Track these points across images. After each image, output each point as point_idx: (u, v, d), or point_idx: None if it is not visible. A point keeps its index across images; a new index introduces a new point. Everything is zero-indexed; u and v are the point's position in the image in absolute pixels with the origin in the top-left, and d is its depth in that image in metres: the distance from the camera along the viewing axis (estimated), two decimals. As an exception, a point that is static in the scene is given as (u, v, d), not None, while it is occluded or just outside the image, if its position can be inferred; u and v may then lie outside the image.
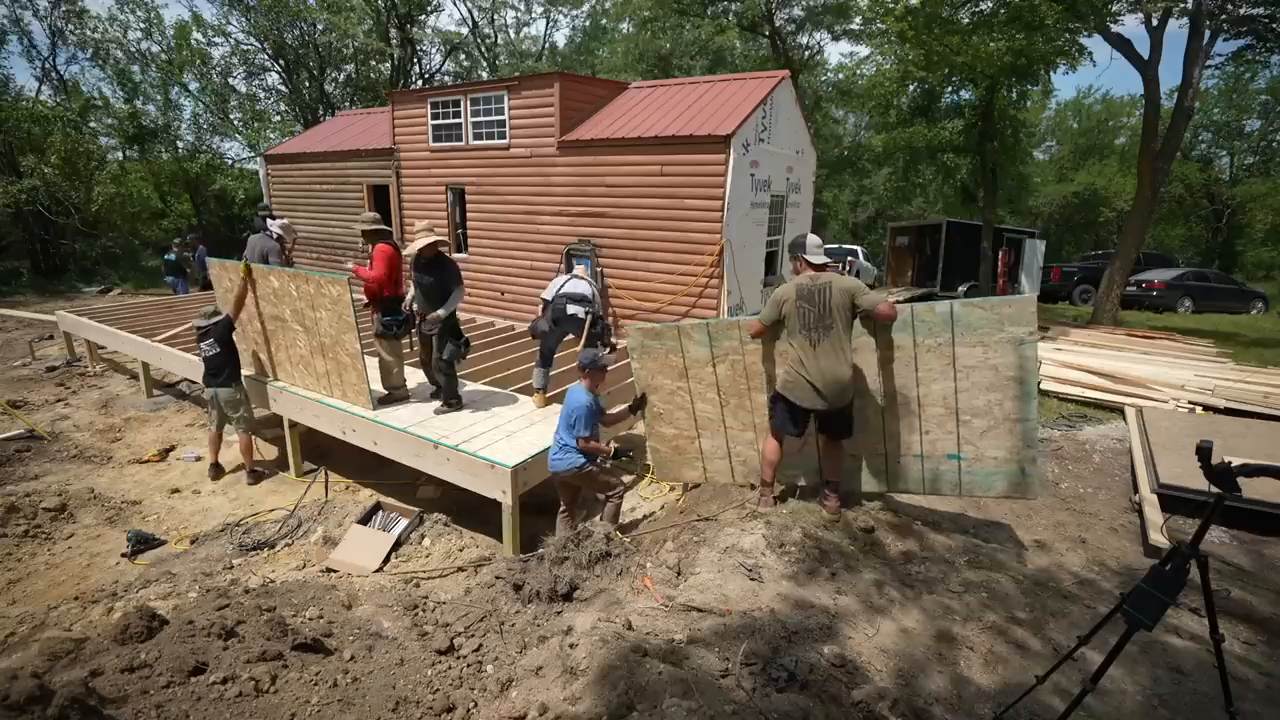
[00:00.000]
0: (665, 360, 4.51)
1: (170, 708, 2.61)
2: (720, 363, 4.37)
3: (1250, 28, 10.76)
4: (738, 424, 4.48)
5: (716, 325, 4.32)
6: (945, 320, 3.76)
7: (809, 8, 18.69)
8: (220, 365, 6.04)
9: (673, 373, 4.52)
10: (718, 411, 4.48)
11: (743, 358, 4.28)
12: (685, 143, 7.73)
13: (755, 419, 4.38)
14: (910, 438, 4.06)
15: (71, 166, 17.11)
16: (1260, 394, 6.59)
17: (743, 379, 4.35)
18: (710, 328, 4.32)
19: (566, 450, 4.37)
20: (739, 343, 4.24)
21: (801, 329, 3.78)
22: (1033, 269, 17.22)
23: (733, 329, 4.25)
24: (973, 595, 3.45)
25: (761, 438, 4.37)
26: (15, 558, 4.89)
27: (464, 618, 3.67)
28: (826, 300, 3.73)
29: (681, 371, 4.49)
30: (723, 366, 4.37)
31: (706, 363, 4.39)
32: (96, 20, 19.50)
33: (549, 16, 27.29)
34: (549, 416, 5.47)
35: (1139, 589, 2.13)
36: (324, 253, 12.22)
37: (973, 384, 3.80)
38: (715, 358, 4.37)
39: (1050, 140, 33.23)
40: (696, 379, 4.45)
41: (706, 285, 7.85)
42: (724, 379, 4.39)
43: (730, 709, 2.31)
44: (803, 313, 3.77)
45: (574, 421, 4.30)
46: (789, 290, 3.83)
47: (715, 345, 4.34)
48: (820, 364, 3.74)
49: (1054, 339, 10.02)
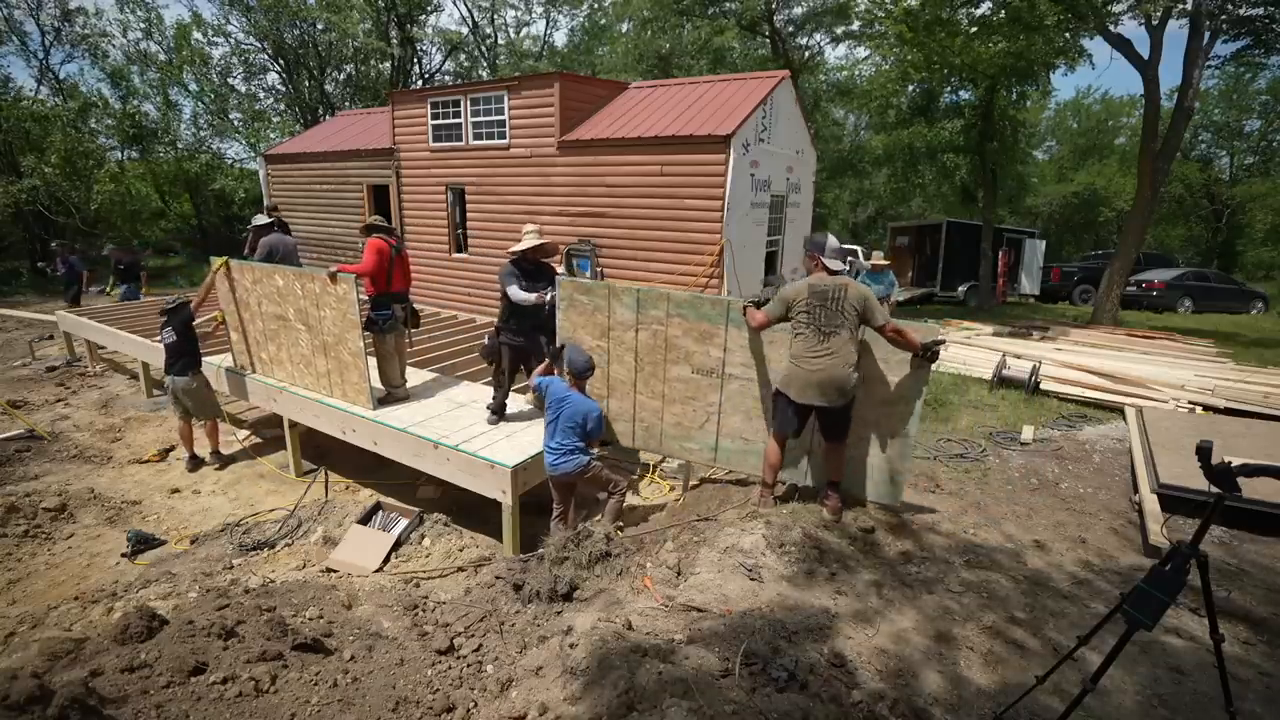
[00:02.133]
0: (591, 317, 4.70)
1: (170, 708, 2.61)
2: (643, 330, 4.56)
3: (1250, 28, 10.77)
4: (648, 391, 4.69)
5: (646, 293, 4.53)
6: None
7: (809, 8, 18.71)
8: (177, 353, 6.20)
9: (595, 330, 4.72)
10: (631, 376, 4.70)
11: (665, 329, 4.47)
12: (685, 143, 7.73)
13: (665, 389, 4.61)
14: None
15: (71, 166, 17.10)
16: (1260, 394, 6.59)
17: (661, 349, 4.55)
18: (640, 294, 4.52)
19: (573, 453, 4.34)
20: (665, 314, 4.43)
21: (810, 325, 3.80)
22: (1033, 269, 17.24)
23: (661, 300, 4.45)
24: (972, 595, 3.45)
25: (668, 409, 4.62)
26: (15, 558, 4.89)
27: (464, 618, 3.67)
28: (840, 301, 3.76)
29: (604, 330, 4.69)
30: (645, 334, 4.56)
31: (630, 327, 4.57)
32: (91, 19, 19.52)
33: (549, 16, 27.29)
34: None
35: (1139, 589, 2.13)
36: (324, 253, 12.21)
37: (866, 394, 4.01)
38: (639, 324, 4.57)
39: (1050, 140, 33.22)
40: (617, 341, 4.64)
41: (706, 285, 7.85)
42: (644, 346, 4.60)
43: (730, 709, 2.31)
44: (814, 311, 3.80)
45: (589, 427, 4.31)
46: (801, 289, 3.85)
47: (641, 312, 4.53)
48: (823, 361, 3.77)
49: (1054, 339, 10.03)
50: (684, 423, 4.73)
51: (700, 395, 4.58)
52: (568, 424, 4.31)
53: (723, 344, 4.38)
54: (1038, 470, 5.21)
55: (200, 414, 6.43)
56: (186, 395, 6.28)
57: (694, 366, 4.52)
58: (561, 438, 4.32)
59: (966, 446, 5.58)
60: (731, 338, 4.35)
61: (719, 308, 4.34)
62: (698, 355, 4.49)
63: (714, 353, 4.44)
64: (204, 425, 6.53)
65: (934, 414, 6.31)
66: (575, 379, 4.39)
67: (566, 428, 4.31)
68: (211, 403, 6.53)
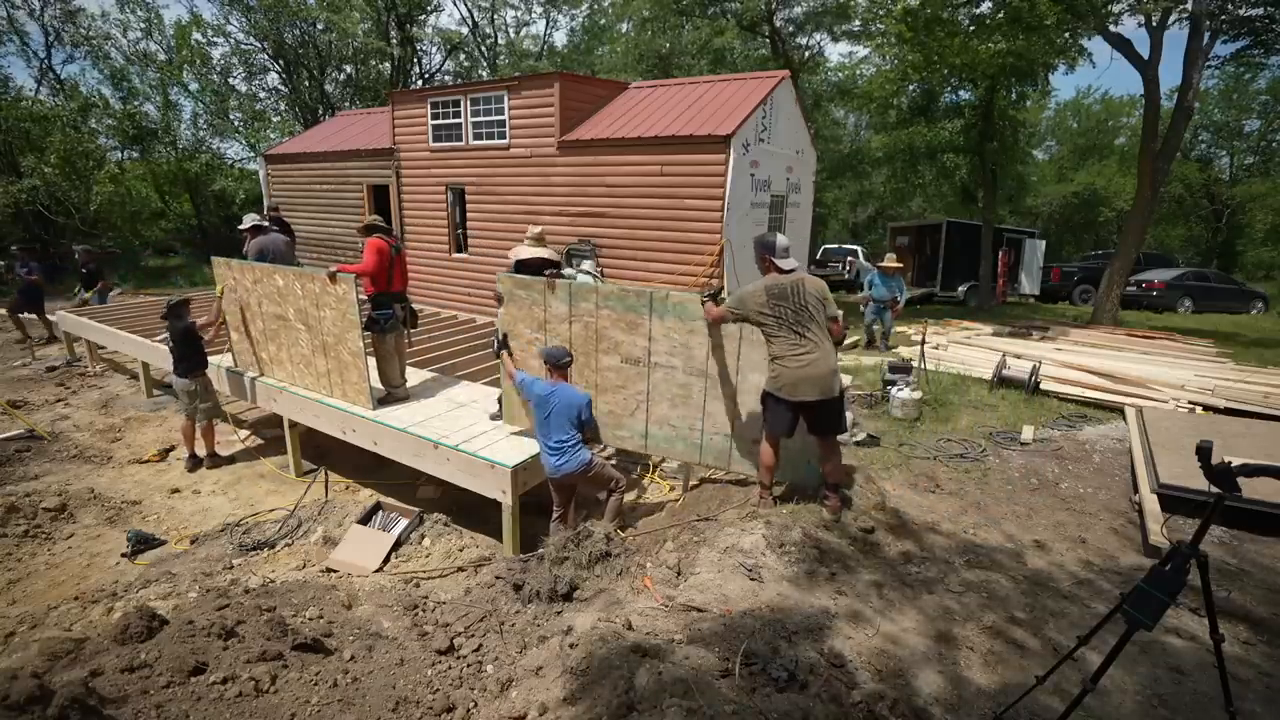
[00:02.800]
0: (529, 310, 4.93)
1: (170, 708, 2.61)
2: (575, 322, 4.79)
3: (1249, 28, 10.77)
4: (583, 381, 4.86)
5: (578, 288, 4.78)
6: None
7: (809, 8, 18.68)
8: (180, 356, 6.33)
9: (533, 323, 4.95)
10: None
11: (595, 320, 4.71)
12: (685, 143, 7.73)
13: (597, 379, 4.85)
14: (723, 419, 4.49)
15: (71, 166, 17.10)
16: (1260, 394, 6.59)
17: (592, 340, 4.77)
18: (572, 289, 4.76)
19: (574, 449, 4.32)
20: (594, 306, 4.68)
21: (782, 326, 3.83)
22: (1033, 269, 17.23)
23: (590, 294, 4.71)
24: (972, 595, 3.45)
25: (600, 398, 4.82)
26: (15, 558, 4.89)
27: (464, 618, 3.68)
28: (801, 296, 3.81)
29: (541, 324, 4.92)
30: (577, 326, 4.80)
31: (564, 319, 4.81)
32: (92, 20, 19.52)
33: (549, 16, 27.30)
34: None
35: (1139, 589, 2.14)
36: (324, 253, 12.21)
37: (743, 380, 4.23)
38: (572, 316, 4.79)
39: (1050, 140, 33.22)
40: (553, 333, 4.88)
41: (706, 285, 7.85)
42: (576, 337, 4.82)
43: (730, 709, 2.31)
44: (780, 311, 3.82)
45: (583, 417, 4.31)
46: (758, 291, 3.89)
47: (574, 305, 4.76)
48: (809, 356, 3.79)
49: (1054, 339, 10.02)
50: (616, 410, 4.90)
51: (629, 384, 4.78)
52: (561, 418, 4.30)
53: (648, 333, 4.57)
54: (1038, 470, 5.21)
55: (196, 414, 6.50)
56: (187, 395, 6.36)
57: (623, 356, 4.73)
58: (558, 434, 4.31)
59: (966, 446, 5.58)
60: (655, 328, 4.53)
61: (643, 299, 4.55)
62: (625, 345, 4.69)
63: (640, 342, 4.63)
64: (202, 426, 6.59)
65: (934, 414, 6.31)
66: (555, 369, 4.41)
67: (561, 422, 4.30)
68: (212, 404, 6.61)
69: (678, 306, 4.40)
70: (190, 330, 6.35)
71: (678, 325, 4.44)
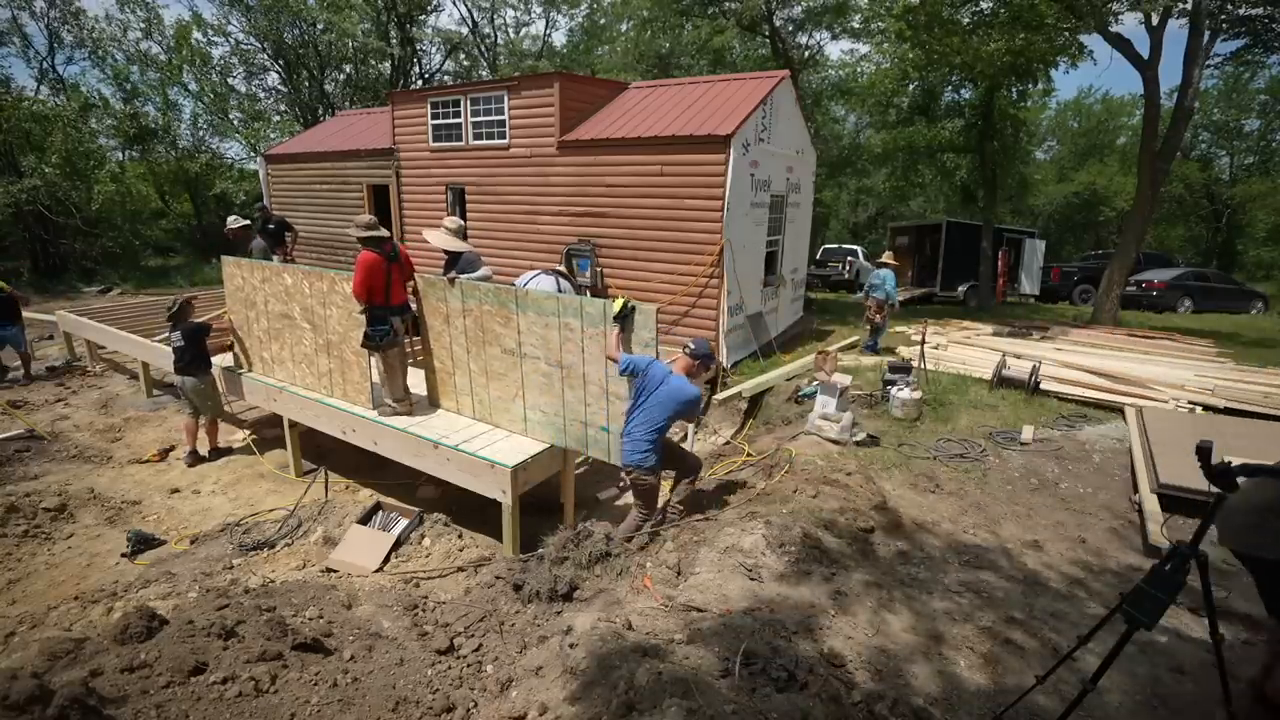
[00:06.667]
0: (436, 305, 5.47)
1: (170, 708, 2.61)
2: (468, 316, 5.28)
3: (1249, 28, 10.76)
4: (478, 368, 5.37)
5: (468, 285, 5.23)
6: (601, 315, 4.50)
7: (808, 7, 18.68)
8: (192, 357, 6.43)
9: (440, 317, 5.48)
10: (465, 355, 5.44)
11: (480, 315, 5.18)
12: (685, 143, 7.72)
13: (488, 367, 5.31)
14: (579, 408, 4.86)
15: (72, 166, 17.09)
16: (1260, 394, 6.59)
17: (480, 332, 5.25)
18: (463, 286, 5.25)
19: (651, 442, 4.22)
20: (478, 302, 5.16)
21: None
22: (1033, 269, 17.23)
23: (474, 290, 5.18)
24: (971, 596, 3.45)
25: (491, 384, 5.31)
26: (15, 558, 4.89)
27: (464, 618, 3.68)
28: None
29: (446, 317, 5.43)
30: (470, 319, 5.28)
31: (460, 314, 5.32)
32: (94, 21, 19.52)
33: (548, 17, 27.28)
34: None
35: (1139, 589, 2.14)
36: (324, 253, 12.21)
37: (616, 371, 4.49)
38: (466, 311, 5.27)
39: (1050, 140, 33.22)
40: (454, 326, 5.39)
41: (706, 285, 7.85)
42: (470, 329, 5.31)
43: (730, 709, 2.31)
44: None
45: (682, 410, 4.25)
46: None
47: (466, 300, 5.24)
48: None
49: (1054, 339, 10.02)
50: (503, 396, 5.32)
51: (509, 373, 5.20)
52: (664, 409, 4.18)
53: (517, 327, 5.00)
54: (1037, 470, 5.21)
55: (205, 412, 6.65)
56: (194, 394, 6.48)
57: (502, 347, 5.17)
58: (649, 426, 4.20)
59: (966, 446, 5.58)
60: (522, 322, 4.96)
61: (510, 295, 5.02)
62: (504, 337, 5.12)
63: (513, 335, 5.05)
64: (205, 423, 6.70)
65: (934, 414, 6.31)
66: (693, 360, 4.42)
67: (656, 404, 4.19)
68: (216, 403, 6.77)
69: (535, 303, 4.86)
70: (202, 330, 6.45)
71: (537, 320, 4.85)
